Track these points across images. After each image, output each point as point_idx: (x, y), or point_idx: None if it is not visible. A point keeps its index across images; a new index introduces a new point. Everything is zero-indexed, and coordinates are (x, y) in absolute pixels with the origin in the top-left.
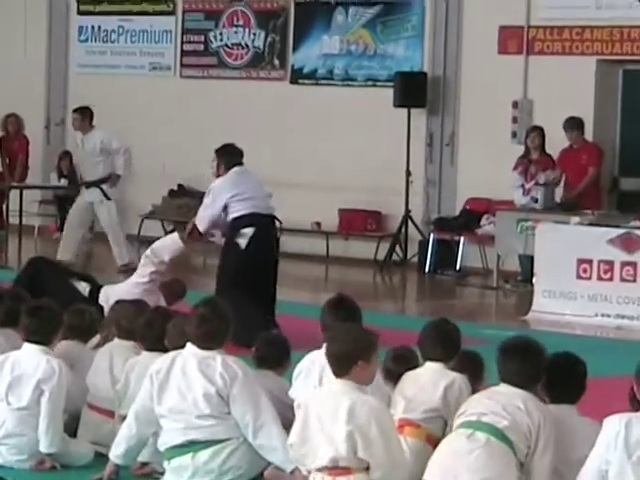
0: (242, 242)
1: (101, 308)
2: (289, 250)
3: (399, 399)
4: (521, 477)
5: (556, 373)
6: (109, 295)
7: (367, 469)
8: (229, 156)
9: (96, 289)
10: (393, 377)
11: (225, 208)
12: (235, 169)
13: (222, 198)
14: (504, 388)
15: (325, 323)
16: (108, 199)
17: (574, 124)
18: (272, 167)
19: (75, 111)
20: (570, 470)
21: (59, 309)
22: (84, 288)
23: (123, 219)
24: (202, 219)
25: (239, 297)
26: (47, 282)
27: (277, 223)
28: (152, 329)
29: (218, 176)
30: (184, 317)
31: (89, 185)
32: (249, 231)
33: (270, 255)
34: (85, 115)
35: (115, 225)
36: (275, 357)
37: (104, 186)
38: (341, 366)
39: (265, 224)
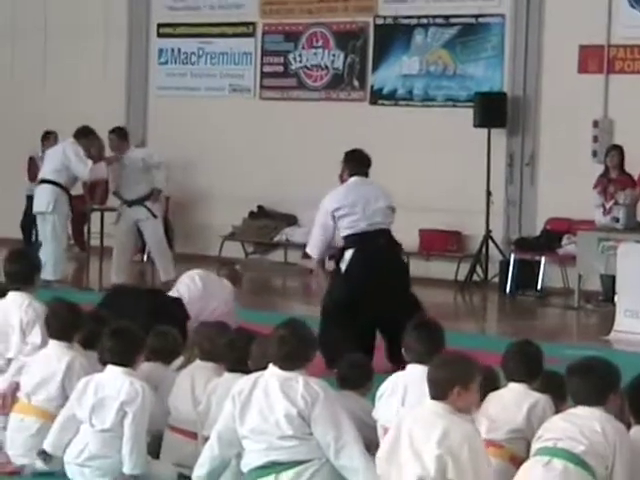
0: (342, 266)
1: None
2: None
3: (482, 419)
4: None
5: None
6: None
7: None
8: (354, 162)
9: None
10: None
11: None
12: (353, 179)
13: (327, 211)
14: (580, 410)
15: (407, 344)
16: (155, 217)
17: None
18: None
19: (112, 132)
20: None
21: (140, 331)
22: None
23: (203, 240)
24: (313, 244)
25: (336, 327)
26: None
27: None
28: (234, 350)
29: (342, 181)
30: (266, 338)
31: (132, 204)
32: (348, 254)
33: (373, 279)
34: (122, 135)
35: (161, 241)
36: (357, 378)
37: (148, 203)
38: (437, 391)
39: (368, 244)
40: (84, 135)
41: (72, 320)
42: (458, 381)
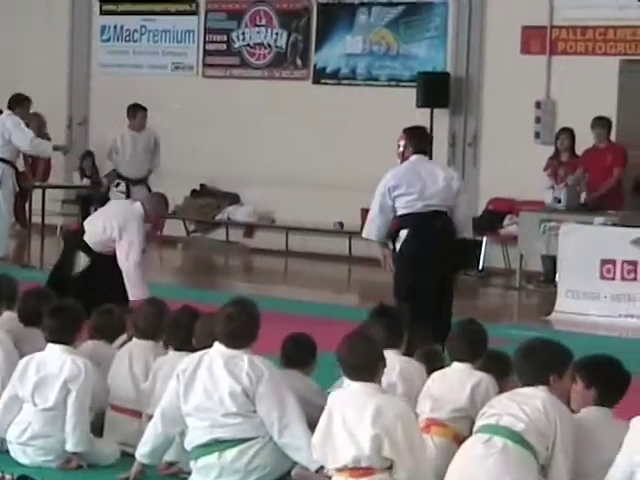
0: (397, 245)
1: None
2: (312, 250)
3: (426, 399)
4: None
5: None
6: None
7: (389, 469)
8: (417, 140)
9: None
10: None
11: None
12: (414, 157)
13: (385, 190)
14: (525, 389)
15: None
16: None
17: (604, 123)
18: (293, 166)
19: (144, 109)
20: (598, 472)
21: (81, 308)
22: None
23: None
24: (371, 226)
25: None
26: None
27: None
28: (179, 329)
29: (403, 159)
30: (211, 316)
31: (136, 183)
32: (403, 234)
33: (426, 260)
34: (144, 111)
35: None
36: (301, 357)
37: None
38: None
39: (422, 225)
40: (18, 103)
41: (9, 293)
42: (552, 369)
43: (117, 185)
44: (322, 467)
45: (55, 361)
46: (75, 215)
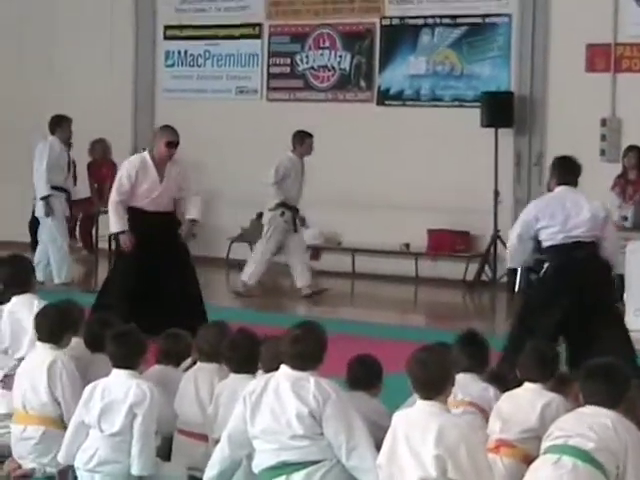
0: (534, 279)
1: None
2: (379, 272)
3: (496, 419)
4: None
5: None
6: None
7: None
8: (562, 170)
9: None
10: None
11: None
12: (559, 189)
13: (525, 220)
14: (590, 409)
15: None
16: None
17: None
18: (359, 188)
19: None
20: None
21: (142, 334)
22: None
23: (211, 242)
24: (511, 257)
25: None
26: None
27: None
28: (236, 351)
29: (549, 190)
30: (277, 339)
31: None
32: (545, 267)
33: (566, 292)
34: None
35: None
36: (368, 378)
37: None
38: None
39: (564, 257)
40: (56, 125)
41: (59, 322)
42: (625, 392)
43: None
44: None
45: (120, 386)
46: None
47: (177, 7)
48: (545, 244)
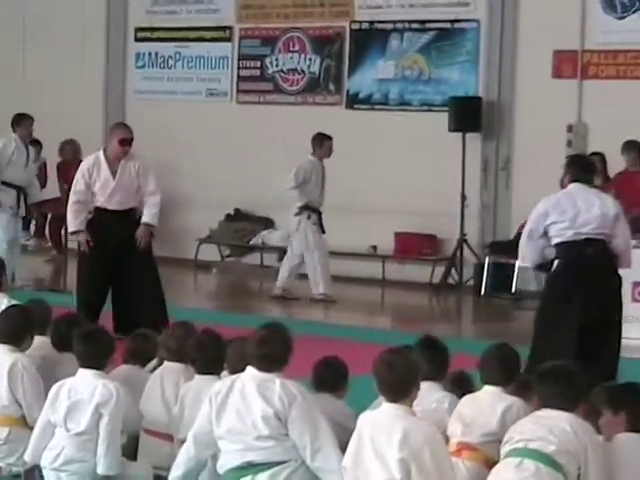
0: (546, 274)
1: None
2: (346, 274)
3: (457, 422)
4: None
5: (621, 400)
6: None
7: None
8: (576, 168)
9: None
10: None
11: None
12: (572, 186)
13: (535, 217)
14: (549, 412)
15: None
16: None
17: (635, 147)
18: (328, 191)
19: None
20: None
21: (111, 334)
22: None
23: (180, 243)
24: (522, 254)
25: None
26: None
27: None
28: (202, 351)
29: (562, 187)
30: (243, 340)
31: None
32: (555, 263)
33: (575, 289)
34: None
35: None
36: (333, 380)
37: None
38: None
39: (573, 254)
40: (16, 123)
41: (21, 324)
42: (583, 395)
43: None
44: None
45: (87, 386)
46: None
47: (148, 9)
48: (555, 241)
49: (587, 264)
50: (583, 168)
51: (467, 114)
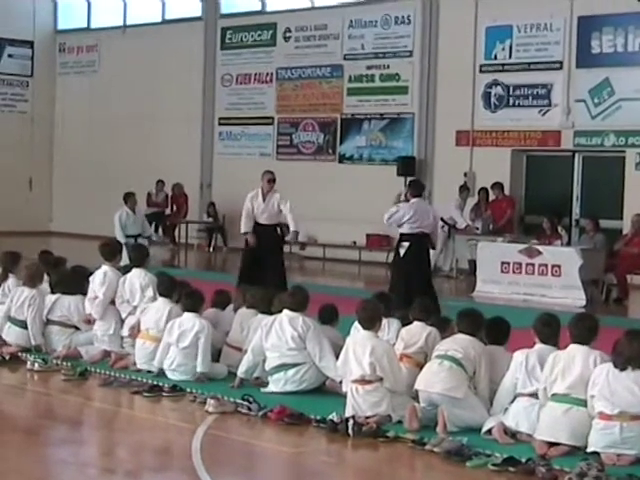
0: (401, 251)
1: None
2: (338, 257)
3: (400, 341)
4: (470, 386)
5: (492, 328)
6: None
7: (381, 380)
8: (415, 188)
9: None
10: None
11: (401, 224)
12: (414, 200)
13: (401, 215)
14: (460, 336)
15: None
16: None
17: (499, 186)
18: (328, 209)
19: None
20: (497, 383)
21: (201, 293)
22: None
23: None
24: (387, 219)
25: (401, 285)
26: None
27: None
28: (263, 301)
29: (406, 200)
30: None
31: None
32: (406, 244)
33: (418, 260)
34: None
35: None
36: (330, 317)
37: None
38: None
39: (417, 241)
40: (125, 199)
41: (171, 285)
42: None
43: None
44: (342, 380)
45: (189, 321)
46: (204, 239)
47: (226, 107)
48: (406, 231)
49: (424, 247)
50: (419, 188)
51: (407, 166)
